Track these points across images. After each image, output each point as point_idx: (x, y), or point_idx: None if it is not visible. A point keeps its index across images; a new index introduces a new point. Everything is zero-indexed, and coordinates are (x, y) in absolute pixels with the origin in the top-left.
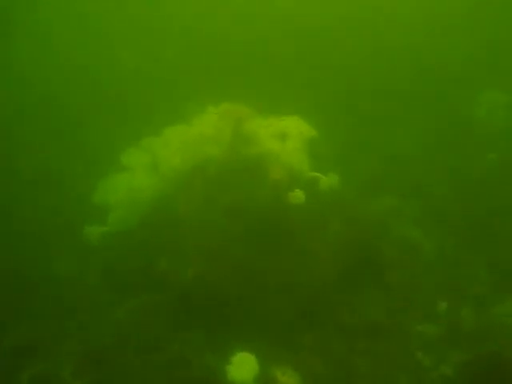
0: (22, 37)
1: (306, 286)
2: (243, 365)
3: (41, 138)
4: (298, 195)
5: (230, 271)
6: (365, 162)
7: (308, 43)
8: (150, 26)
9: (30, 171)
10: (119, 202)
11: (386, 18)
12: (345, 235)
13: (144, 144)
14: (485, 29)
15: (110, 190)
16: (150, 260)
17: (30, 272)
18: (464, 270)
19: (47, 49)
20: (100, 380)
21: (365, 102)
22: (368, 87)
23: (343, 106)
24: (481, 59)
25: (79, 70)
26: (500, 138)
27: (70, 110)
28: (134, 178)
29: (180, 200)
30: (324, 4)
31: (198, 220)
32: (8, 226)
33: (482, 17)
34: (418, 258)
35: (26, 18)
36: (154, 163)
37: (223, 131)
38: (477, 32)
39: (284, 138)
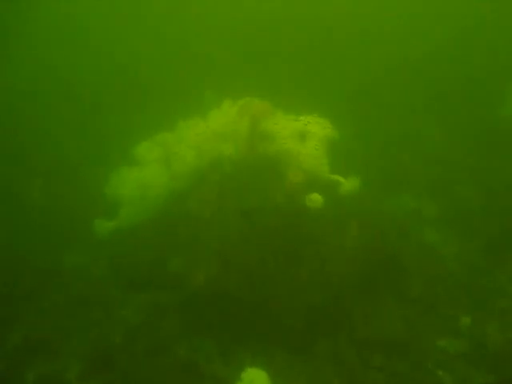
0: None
1: (321, 294)
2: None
3: (55, 127)
4: (315, 199)
5: (243, 276)
6: (386, 161)
7: (331, 40)
8: (170, 14)
9: (42, 161)
10: (130, 198)
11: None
12: (362, 241)
13: (158, 138)
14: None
15: (121, 184)
16: (160, 258)
17: (40, 263)
18: (489, 281)
19: (66, 35)
20: None
21: (388, 101)
22: (392, 85)
23: (366, 104)
24: (508, 55)
25: (98, 58)
26: None
27: (86, 99)
28: (146, 173)
29: (193, 198)
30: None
31: (212, 221)
32: (19, 217)
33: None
34: (438, 265)
35: None
36: (167, 159)
37: (240, 128)
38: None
39: (303, 137)
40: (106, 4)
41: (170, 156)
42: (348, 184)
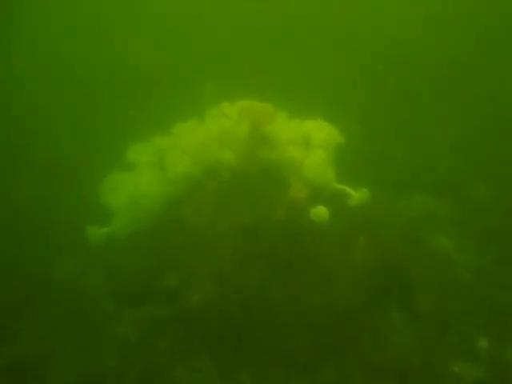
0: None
1: (327, 315)
2: None
3: (46, 125)
4: (321, 212)
5: (242, 297)
6: (397, 161)
7: (336, 40)
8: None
9: (31, 161)
10: (123, 206)
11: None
12: (371, 256)
13: (152, 142)
14: None
15: (114, 190)
16: (155, 271)
17: (30, 270)
18: (508, 294)
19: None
20: None
21: (395, 98)
22: (398, 79)
23: (373, 106)
24: None
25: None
26: None
27: (83, 91)
28: (140, 178)
29: (188, 208)
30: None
31: (208, 233)
32: (7, 219)
33: None
34: (451, 277)
35: None
36: (162, 163)
37: (239, 133)
38: None
39: (307, 143)
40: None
41: (165, 161)
42: (357, 194)
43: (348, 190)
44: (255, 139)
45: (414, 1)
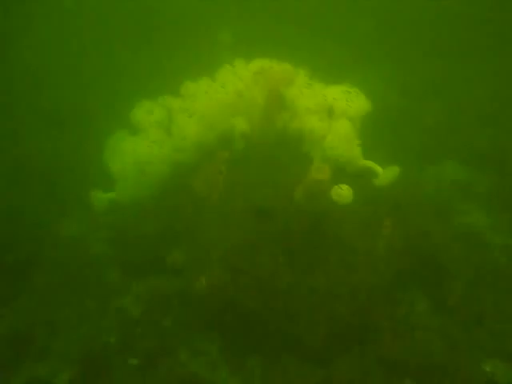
0: None
1: (345, 307)
2: None
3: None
4: (344, 193)
5: (253, 285)
6: (430, 126)
7: None
8: None
9: (36, 112)
10: (127, 170)
11: None
12: (397, 242)
13: (161, 101)
14: None
15: (117, 153)
16: (160, 242)
17: (32, 229)
18: None
19: None
20: None
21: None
22: (434, 36)
23: (403, 64)
24: None
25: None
26: None
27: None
28: (146, 142)
29: (197, 178)
30: None
31: (217, 210)
32: (10, 174)
33: None
34: (485, 263)
35: None
36: (170, 127)
37: (254, 97)
38: None
39: (331, 113)
40: None
41: (173, 124)
42: (384, 172)
43: (375, 167)
44: (272, 106)
45: None
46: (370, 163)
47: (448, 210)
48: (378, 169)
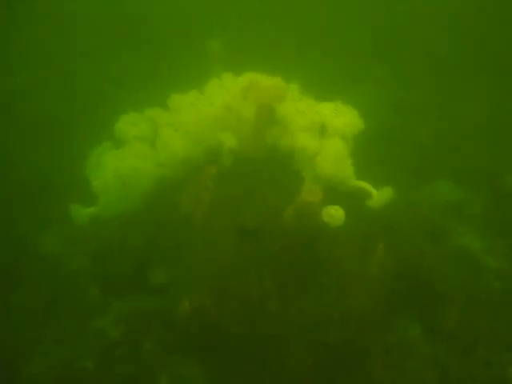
0: None
1: (336, 332)
2: None
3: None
4: (335, 213)
5: (240, 309)
6: (425, 145)
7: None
8: None
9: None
10: (109, 184)
11: None
12: (390, 264)
13: (146, 114)
14: None
15: (100, 165)
16: (142, 260)
17: (9, 243)
18: None
19: None
20: None
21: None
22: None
23: (395, 80)
24: None
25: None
26: None
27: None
28: (129, 154)
29: (183, 195)
30: None
31: (204, 229)
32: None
33: None
34: (480, 287)
35: None
36: (154, 140)
37: (243, 112)
38: None
39: (324, 130)
40: None
41: (158, 138)
42: (378, 194)
43: (369, 187)
44: (261, 121)
45: None
46: (363, 184)
47: (442, 232)
48: (372, 190)
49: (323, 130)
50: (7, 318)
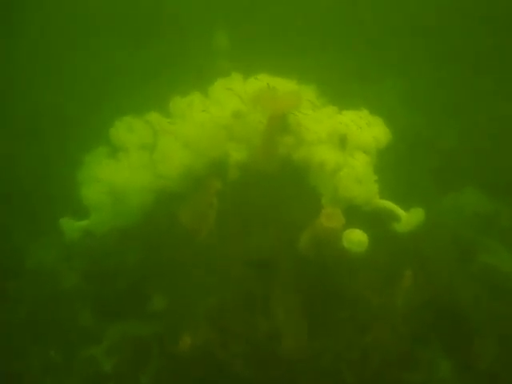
0: None
1: (355, 374)
2: None
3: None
4: (358, 239)
5: (245, 348)
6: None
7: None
8: None
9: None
10: (102, 198)
11: None
12: (418, 296)
13: (145, 119)
14: None
15: (92, 178)
16: (138, 284)
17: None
18: None
19: None
20: None
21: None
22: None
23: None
24: None
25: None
26: None
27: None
28: (124, 166)
29: (184, 210)
30: None
31: (206, 254)
32: None
33: None
34: None
35: None
36: (153, 151)
37: (253, 120)
38: None
39: (344, 142)
40: None
41: (157, 147)
42: (407, 216)
43: (395, 208)
44: (274, 130)
45: None
46: (389, 204)
47: (471, 249)
48: (400, 212)
49: (344, 142)
50: None
